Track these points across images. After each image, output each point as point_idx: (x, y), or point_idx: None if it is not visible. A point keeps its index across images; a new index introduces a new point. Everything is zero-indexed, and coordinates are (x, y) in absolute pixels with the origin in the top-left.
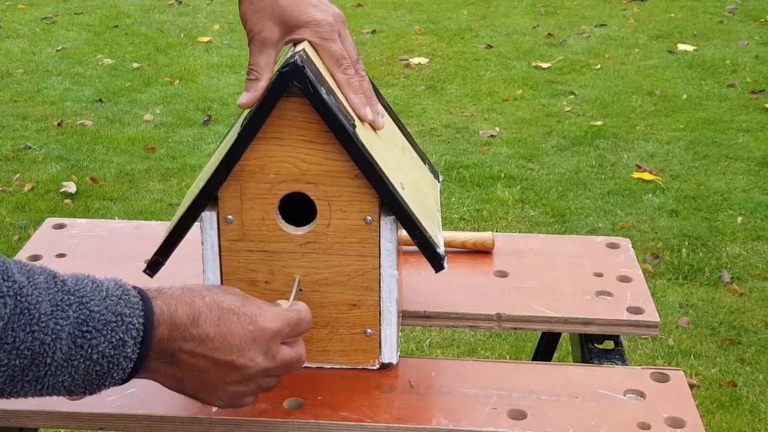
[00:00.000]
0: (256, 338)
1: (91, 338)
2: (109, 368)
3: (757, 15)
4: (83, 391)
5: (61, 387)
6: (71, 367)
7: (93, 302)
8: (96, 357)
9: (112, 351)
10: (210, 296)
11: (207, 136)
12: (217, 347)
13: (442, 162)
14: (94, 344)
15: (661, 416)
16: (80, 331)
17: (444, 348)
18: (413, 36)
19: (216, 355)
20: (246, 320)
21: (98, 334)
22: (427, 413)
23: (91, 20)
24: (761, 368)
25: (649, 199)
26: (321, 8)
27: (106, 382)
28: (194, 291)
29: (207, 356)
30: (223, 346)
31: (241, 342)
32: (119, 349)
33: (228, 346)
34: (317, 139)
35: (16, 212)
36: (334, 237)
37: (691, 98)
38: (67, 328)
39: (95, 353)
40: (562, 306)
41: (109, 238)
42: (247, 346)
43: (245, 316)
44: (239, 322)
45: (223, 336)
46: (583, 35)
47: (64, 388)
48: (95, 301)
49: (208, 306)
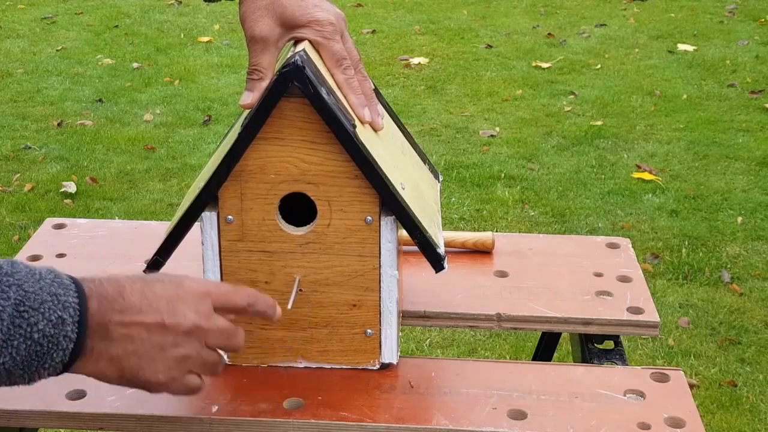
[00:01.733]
0: (182, 297)
1: (29, 317)
2: (49, 348)
3: (757, 15)
4: (22, 374)
5: (2, 370)
6: (11, 347)
7: (27, 284)
8: (37, 336)
9: (52, 330)
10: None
11: (207, 136)
12: (146, 311)
13: (442, 162)
14: (32, 323)
15: (661, 416)
16: (18, 311)
17: (444, 348)
18: (413, 36)
19: (146, 320)
20: (171, 284)
21: (36, 312)
22: (427, 413)
23: (91, 20)
24: (761, 368)
25: (649, 199)
26: (323, 8)
27: (46, 364)
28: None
29: (137, 322)
30: (151, 309)
31: (168, 303)
32: (59, 327)
33: (156, 309)
34: (317, 139)
35: (16, 212)
36: (334, 237)
37: (691, 98)
38: (8, 309)
39: (35, 332)
40: (562, 306)
41: (109, 238)
42: (176, 305)
43: (170, 281)
44: (164, 286)
45: (149, 301)
46: (583, 35)
47: (5, 371)
48: (29, 283)
49: (131, 279)
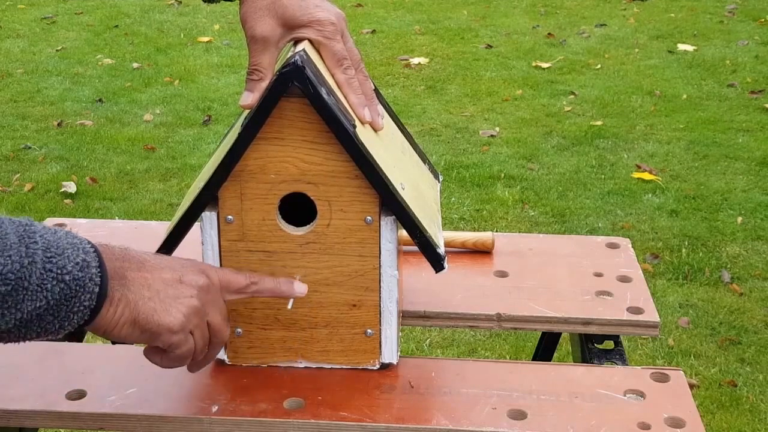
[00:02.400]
0: (192, 267)
1: (57, 261)
2: (77, 291)
3: (757, 15)
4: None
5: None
6: (45, 290)
7: (48, 234)
8: (68, 278)
9: (79, 272)
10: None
11: (207, 136)
12: (162, 267)
13: (442, 162)
14: (61, 265)
15: (661, 416)
16: (46, 257)
17: (444, 348)
18: (413, 36)
19: (163, 274)
20: (178, 259)
21: (62, 257)
22: (427, 413)
23: (91, 20)
24: (761, 368)
25: (649, 199)
26: (324, 8)
27: (74, 308)
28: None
29: (154, 275)
30: (167, 265)
31: (181, 264)
32: (85, 270)
33: (171, 267)
34: (317, 139)
35: (16, 212)
36: (334, 237)
37: (691, 98)
38: (39, 253)
39: (66, 273)
40: (562, 306)
41: (109, 238)
42: (188, 267)
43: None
44: (171, 257)
45: (162, 260)
46: (583, 35)
47: (37, 317)
48: (49, 234)
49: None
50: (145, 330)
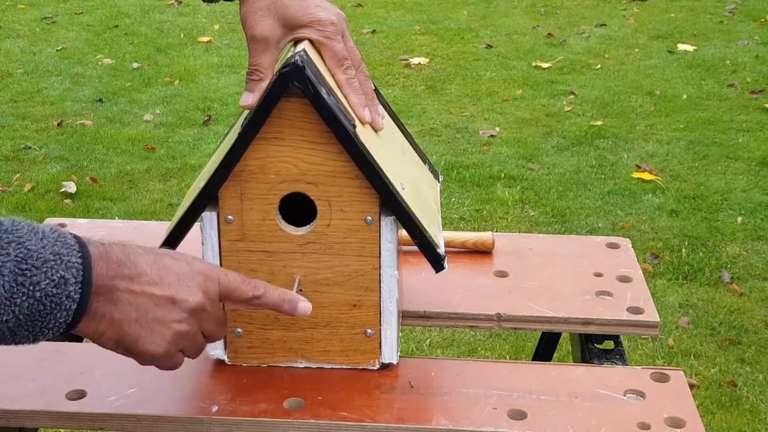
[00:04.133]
0: (193, 275)
1: (31, 275)
2: (52, 308)
3: (757, 15)
4: (26, 334)
5: (5, 328)
6: (14, 305)
7: (30, 242)
8: (39, 295)
9: (54, 289)
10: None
11: (207, 136)
12: (155, 282)
13: (442, 162)
14: (35, 281)
15: (661, 416)
16: (20, 269)
17: (444, 348)
18: (413, 36)
19: (154, 291)
20: (181, 260)
21: (38, 271)
22: (427, 413)
23: (91, 20)
24: (761, 368)
25: (649, 199)
26: (324, 8)
27: (50, 324)
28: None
29: (145, 293)
30: (161, 280)
31: (179, 278)
32: (61, 287)
33: (167, 283)
34: (317, 139)
35: (16, 212)
36: (334, 237)
37: (691, 98)
38: (9, 265)
39: (38, 291)
40: (562, 306)
41: (109, 238)
42: (186, 281)
43: (180, 258)
44: (174, 261)
45: (159, 271)
46: (583, 35)
47: (9, 330)
48: (32, 242)
49: (143, 248)
50: (130, 353)
